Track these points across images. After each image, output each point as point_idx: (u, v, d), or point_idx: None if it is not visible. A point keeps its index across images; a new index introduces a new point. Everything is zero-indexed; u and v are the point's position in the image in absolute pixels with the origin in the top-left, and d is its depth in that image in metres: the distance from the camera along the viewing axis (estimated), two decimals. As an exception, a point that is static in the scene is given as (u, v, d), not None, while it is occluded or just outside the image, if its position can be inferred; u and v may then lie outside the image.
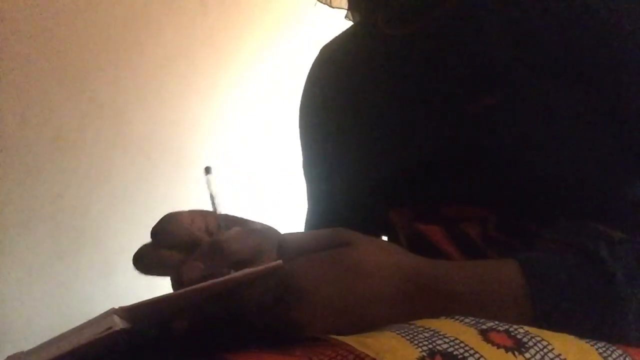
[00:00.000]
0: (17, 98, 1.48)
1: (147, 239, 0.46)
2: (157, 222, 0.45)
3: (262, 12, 1.92)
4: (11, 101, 1.47)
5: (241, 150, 1.90)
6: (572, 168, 0.50)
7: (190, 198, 1.79)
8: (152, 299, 0.36)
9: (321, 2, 0.75)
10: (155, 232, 0.44)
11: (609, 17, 0.50)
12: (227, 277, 0.38)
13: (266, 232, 0.46)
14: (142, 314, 0.37)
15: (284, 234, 0.44)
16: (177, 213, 0.46)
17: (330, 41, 0.75)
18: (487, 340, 0.33)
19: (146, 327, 0.38)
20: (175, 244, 0.44)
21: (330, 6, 0.74)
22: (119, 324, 0.34)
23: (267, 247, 0.44)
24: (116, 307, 0.36)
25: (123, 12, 1.64)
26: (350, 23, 0.76)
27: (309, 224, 0.77)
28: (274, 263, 0.39)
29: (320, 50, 0.76)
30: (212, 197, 0.47)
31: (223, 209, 0.48)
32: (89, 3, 1.58)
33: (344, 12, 0.77)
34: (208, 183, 0.47)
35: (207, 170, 0.47)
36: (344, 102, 0.68)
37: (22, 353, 0.37)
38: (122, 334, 0.35)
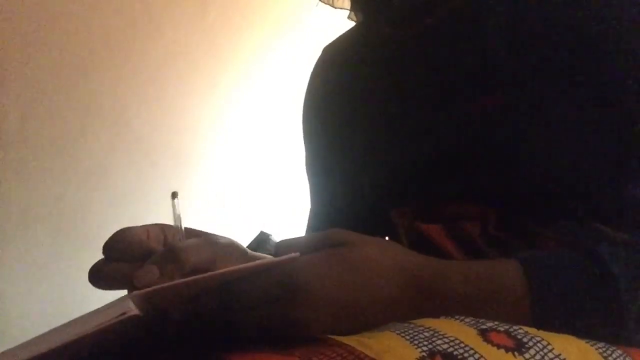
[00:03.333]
0: (17, 98, 1.48)
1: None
2: (108, 237, 0.44)
3: (262, 12, 1.92)
4: (11, 101, 1.47)
5: (241, 150, 1.90)
6: (572, 167, 0.50)
7: (190, 198, 1.79)
8: (170, 283, 0.35)
9: (323, 2, 0.75)
10: (106, 246, 0.43)
11: (610, 18, 0.50)
12: (240, 266, 0.37)
13: (226, 248, 0.44)
14: (159, 300, 0.35)
15: (280, 241, 0.44)
16: (130, 227, 0.44)
17: (333, 41, 0.75)
18: (487, 340, 0.33)
19: (161, 314, 0.37)
20: (127, 256, 0.43)
21: (333, 6, 0.74)
22: (133, 309, 0.33)
23: (223, 262, 0.43)
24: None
25: (123, 12, 1.64)
26: (351, 24, 0.76)
27: (311, 224, 0.76)
28: (273, 259, 0.39)
29: (323, 49, 0.76)
30: (178, 218, 0.47)
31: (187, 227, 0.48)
32: (89, 3, 1.58)
33: (346, 12, 0.77)
34: (173, 206, 0.47)
35: (174, 195, 0.48)
36: (347, 101, 0.68)
37: (25, 343, 0.36)
38: (137, 319, 0.34)
